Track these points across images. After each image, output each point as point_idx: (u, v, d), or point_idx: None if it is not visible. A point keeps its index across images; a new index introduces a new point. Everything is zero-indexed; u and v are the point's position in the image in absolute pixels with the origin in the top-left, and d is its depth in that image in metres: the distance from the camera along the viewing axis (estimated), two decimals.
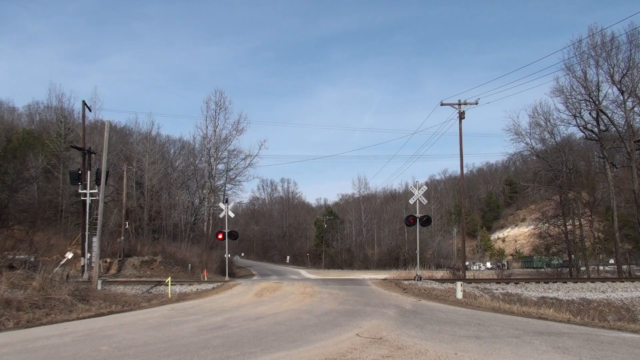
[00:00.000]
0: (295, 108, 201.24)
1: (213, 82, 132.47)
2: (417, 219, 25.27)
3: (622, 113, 38.50)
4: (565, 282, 24.64)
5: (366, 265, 77.65)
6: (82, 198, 26.60)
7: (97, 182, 23.83)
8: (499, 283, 24.37)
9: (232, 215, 28.32)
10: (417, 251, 26.64)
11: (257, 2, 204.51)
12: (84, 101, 29.05)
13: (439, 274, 33.86)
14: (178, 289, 21.12)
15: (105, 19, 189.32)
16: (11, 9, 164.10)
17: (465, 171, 44.62)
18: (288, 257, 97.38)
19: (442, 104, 30.35)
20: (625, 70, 37.20)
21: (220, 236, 28.41)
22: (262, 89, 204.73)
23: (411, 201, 25.79)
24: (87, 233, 25.66)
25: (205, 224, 52.88)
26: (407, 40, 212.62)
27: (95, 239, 22.89)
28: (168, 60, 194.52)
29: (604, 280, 26.03)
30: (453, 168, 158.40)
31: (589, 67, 38.78)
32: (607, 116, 39.01)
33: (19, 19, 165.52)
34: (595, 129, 40.08)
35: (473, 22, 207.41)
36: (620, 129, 38.48)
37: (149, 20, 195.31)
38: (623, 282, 25.07)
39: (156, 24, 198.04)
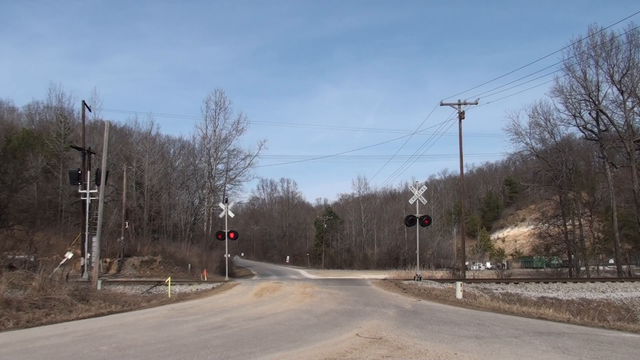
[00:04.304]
0: (298, 108, 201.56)
1: (215, 82, 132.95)
2: (417, 219, 25.26)
3: (622, 113, 38.57)
4: (565, 282, 24.64)
5: (366, 265, 77.67)
6: (82, 198, 26.62)
7: (97, 182, 23.82)
8: (499, 283, 24.37)
9: (232, 215, 28.32)
10: (417, 251, 26.63)
11: (260, 2, 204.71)
12: (83, 101, 29.08)
13: (439, 274, 33.86)
14: (178, 289, 21.12)
15: (108, 19, 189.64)
16: (15, 9, 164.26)
17: (465, 171, 44.61)
18: (288, 257, 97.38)
19: (442, 104, 30.39)
20: (625, 70, 37.22)
21: (220, 236, 28.43)
22: (264, 89, 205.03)
23: (411, 201, 25.78)
24: (87, 233, 25.67)
25: (205, 224, 52.86)
26: (410, 40, 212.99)
27: (95, 239, 22.89)
28: (170, 60, 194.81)
29: (603, 280, 26.02)
30: (453, 168, 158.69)
31: (589, 67, 38.86)
32: (607, 116, 39.04)
33: (22, 18, 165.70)
34: (595, 129, 40.10)
35: (475, 22, 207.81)
36: (620, 129, 38.49)
37: (152, 20, 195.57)
38: (623, 282, 25.07)
39: (159, 24, 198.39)
